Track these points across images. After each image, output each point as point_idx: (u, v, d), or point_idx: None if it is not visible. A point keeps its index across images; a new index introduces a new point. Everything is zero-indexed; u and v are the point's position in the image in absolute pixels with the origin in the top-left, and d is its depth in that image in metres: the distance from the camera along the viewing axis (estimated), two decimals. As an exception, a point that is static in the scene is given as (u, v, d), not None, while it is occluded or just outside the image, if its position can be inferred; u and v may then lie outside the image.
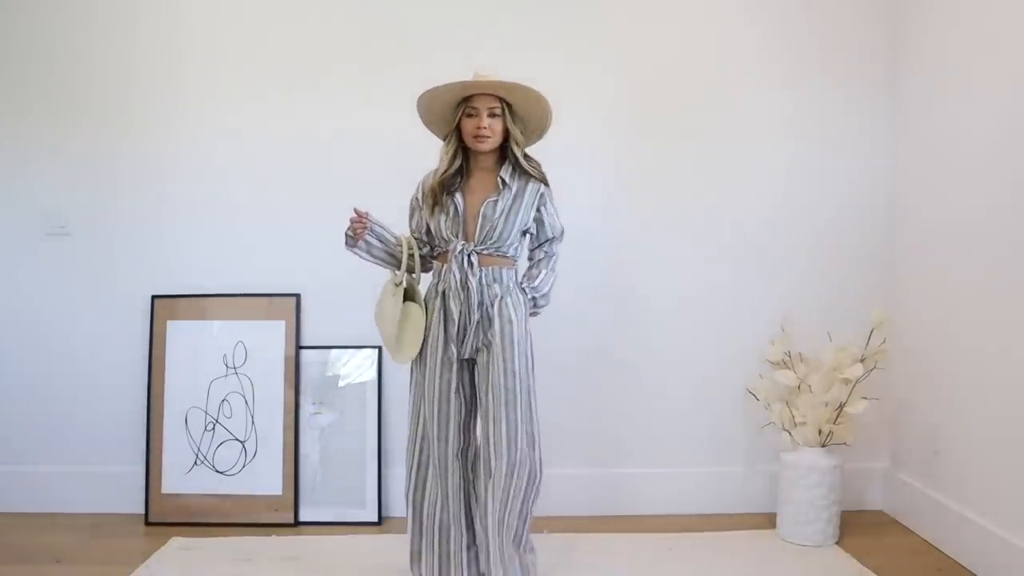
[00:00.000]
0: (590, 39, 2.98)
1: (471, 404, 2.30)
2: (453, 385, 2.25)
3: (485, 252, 2.22)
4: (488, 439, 2.22)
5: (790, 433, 2.79)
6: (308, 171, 3.00)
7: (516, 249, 2.29)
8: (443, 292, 2.23)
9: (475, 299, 2.20)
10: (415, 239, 2.34)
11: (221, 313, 3.02)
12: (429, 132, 2.32)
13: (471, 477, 2.32)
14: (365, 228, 2.23)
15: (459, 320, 2.21)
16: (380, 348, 2.98)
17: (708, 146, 3.01)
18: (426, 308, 2.26)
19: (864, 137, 3.03)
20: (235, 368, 3.00)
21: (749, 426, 3.04)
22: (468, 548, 2.32)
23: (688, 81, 3.00)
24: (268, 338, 3.00)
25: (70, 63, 2.98)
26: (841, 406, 2.75)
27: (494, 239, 2.22)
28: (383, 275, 2.57)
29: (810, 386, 2.78)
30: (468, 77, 2.19)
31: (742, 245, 3.03)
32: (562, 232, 2.39)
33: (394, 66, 2.93)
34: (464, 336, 2.22)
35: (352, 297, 2.93)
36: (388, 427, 3.00)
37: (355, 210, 2.23)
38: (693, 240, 3.03)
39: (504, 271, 2.25)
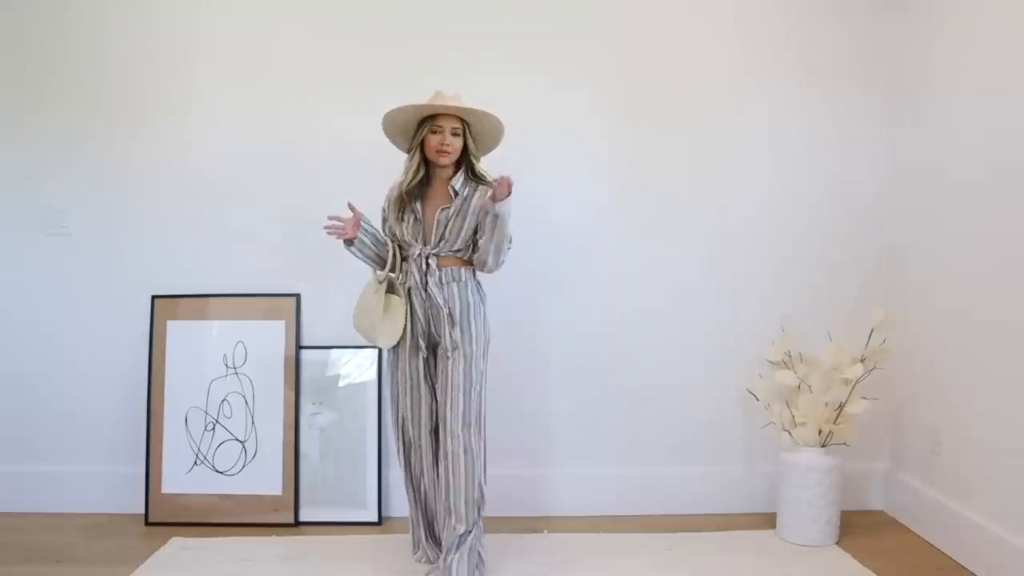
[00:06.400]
0: (588, 39, 2.98)
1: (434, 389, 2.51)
2: (421, 372, 2.48)
3: (442, 255, 2.44)
4: (450, 417, 2.41)
5: (790, 433, 2.79)
6: (309, 172, 3.00)
7: (472, 251, 2.48)
8: (409, 290, 2.45)
9: (435, 296, 2.41)
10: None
11: (221, 313, 3.02)
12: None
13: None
14: (357, 225, 2.42)
15: (423, 315, 2.43)
16: (380, 349, 2.98)
17: (708, 146, 3.01)
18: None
19: (866, 137, 3.03)
20: (235, 368, 3.00)
21: (749, 426, 3.04)
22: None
23: (688, 80, 3.00)
24: (268, 338, 3.00)
25: (72, 65, 2.98)
26: (841, 406, 2.75)
27: (448, 242, 2.42)
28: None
29: (810, 386, 2.78)
30: (441, 89, 2.41)
31: (742, 245, 3.03)
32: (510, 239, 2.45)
33: (394, 73, 2.93)
34: (427, 329, 2.45)
35: (352, 297, 2.93)
36: (388, 427, 3.00)
37: (349, 205, 2.42)
38: (692, 240, 3.03)
39: (463, 270, 2.46)
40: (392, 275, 2.48)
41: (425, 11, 2.97)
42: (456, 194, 2.43)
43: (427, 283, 2.41)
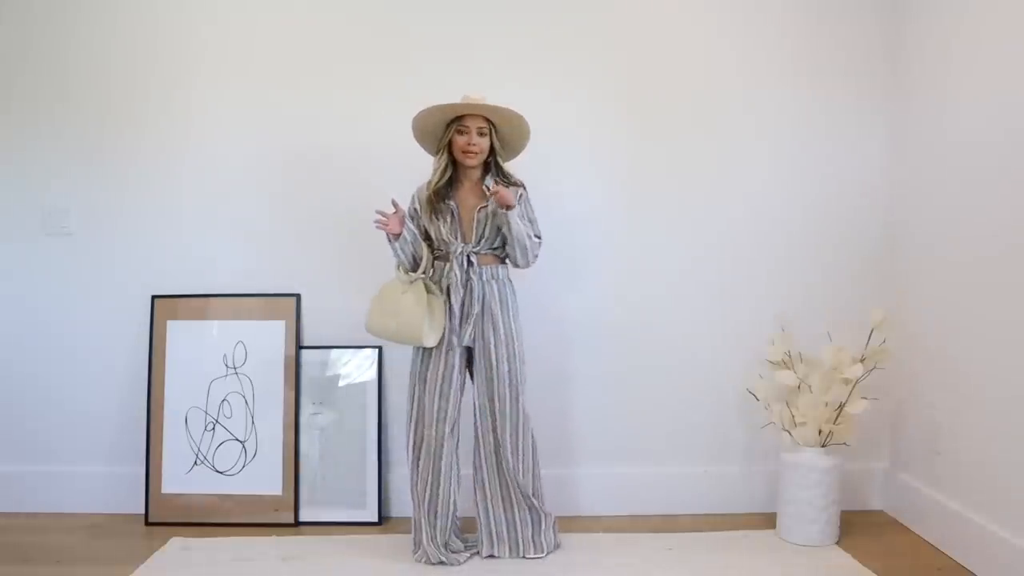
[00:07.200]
0: (588, 37, 2.98)
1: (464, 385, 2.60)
2: (456, 368, 2.54)
3: (482, 252, 2.53)
4: (497, 412, 2.55)
5: (790, 433, 2.79)
6: (309, 172, 3.00)
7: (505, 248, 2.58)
8: (447, 288, 2.51)
9: (476, 293, 2.50)
10: None
11: (221, 313, 3.02)
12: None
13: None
14: (401, 221, 2.50)
15: (460, 312, 2.50)
16: (380, 348, 2.98)
17: (708, 145, 3.01)
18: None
19: (864, 136, 3.03)
20: (235, 368, 3.00)
21: (749, 426, 3.04)
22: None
23: (688, 79, 3.00)
24: (268, 338, 3.00)
25: (73, 65, 2.98)
26: (841, 406, 2.75)
27: (488, 240, 2.52)
28: (384, 275, 2.60)
29: (810, 386, 2.78)
30: (463, 92, 2.48)
31: (742, 245, 3.03)
32: (540, 239, 2.60)
33: (395, 73, 2.94)
34: (463, 326, 2.51)
35: (352, 297, 2.94)
36: (388, 427, 3.00)
37: (393, 201, 2.50)
38: (692, 239, 3.03)
39: (499, 268, 2.57)
40: (423, 276, 2.53)
41: (434, 13, 2.97)
42: (490, 192, 2.48)
43: (469, 279, 2.49)
